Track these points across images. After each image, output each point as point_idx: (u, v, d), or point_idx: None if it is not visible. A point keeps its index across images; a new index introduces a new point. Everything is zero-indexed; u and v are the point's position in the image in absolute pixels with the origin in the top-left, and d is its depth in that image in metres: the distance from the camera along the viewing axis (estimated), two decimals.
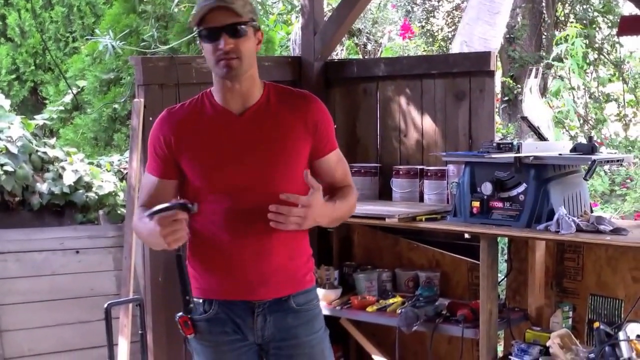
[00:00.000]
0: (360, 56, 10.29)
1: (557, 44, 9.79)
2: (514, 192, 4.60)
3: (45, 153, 6.15)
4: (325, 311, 5.22)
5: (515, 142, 4.71)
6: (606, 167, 8.84)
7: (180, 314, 3.41)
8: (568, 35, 9.42)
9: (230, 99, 3.36)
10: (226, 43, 3.23)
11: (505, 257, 5.34)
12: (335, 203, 3.42)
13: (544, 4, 12.48)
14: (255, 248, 3.31)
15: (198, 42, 3.37)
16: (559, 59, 9.84)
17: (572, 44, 9.26)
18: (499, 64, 11.62)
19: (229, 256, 3.34)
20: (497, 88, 11.10)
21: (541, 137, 4.96)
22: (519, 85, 11.45)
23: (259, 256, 3.32)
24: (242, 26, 3.25)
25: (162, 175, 3.40)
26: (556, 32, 10.07)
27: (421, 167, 5.51)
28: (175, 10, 7.56)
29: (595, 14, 11.57)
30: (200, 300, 3.40)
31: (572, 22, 11.62)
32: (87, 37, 8.69)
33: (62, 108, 8.79)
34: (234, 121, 3.34)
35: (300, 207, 3.18)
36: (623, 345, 4.10)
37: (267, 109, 3.37)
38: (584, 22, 11.43)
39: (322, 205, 3.27)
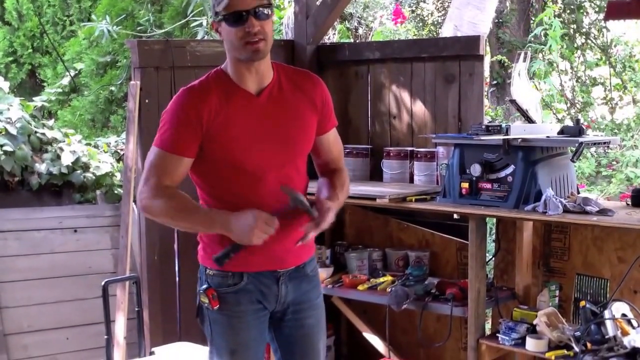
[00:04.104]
0: (352, 40, 10.31)
1: (537, 25, 9.81)
2: (502, 174, 4.61)
3: (43, 134, 6.19)
4: None
5: (503, 125, 4.73)
6: (593, 150, 8.89)
7: (206, 286, 3.45)
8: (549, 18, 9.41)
9: (248, 80, 3.38)
10: (254, 25, 3.24)
11: (494, 237, 5.37)
12: (337, 193, 3.54)
13: None
14: (280, 222, 3.33)
15: (200, 27, 3.39)
16: (541, 42, 9.88)
17: (551, 24, 9.28)
18: (488, 48, 11.65)
19: None
20: (486, 72, 11.13)
21: (529, 120, 4.99)
22: (504, 70, 11.51)
23: (284, 228, 3.36)
24: (267, 8, 3.28)
25: (183, 153, 3.33)
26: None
27: (411, 148, 5.55)
28: None
29: None
30: (230, 274, 3.43)
31: (560, 8, 11.65)
32: (83, 21, 8.73)
33: (59, 90, 8.83)
34: (254, 101, 3.38)
35: (325, 207, 3.33)
36: (608, 324, 4.14)
37: (280, 89, 3.43)
38: (572, 6, 11.46)
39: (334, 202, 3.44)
